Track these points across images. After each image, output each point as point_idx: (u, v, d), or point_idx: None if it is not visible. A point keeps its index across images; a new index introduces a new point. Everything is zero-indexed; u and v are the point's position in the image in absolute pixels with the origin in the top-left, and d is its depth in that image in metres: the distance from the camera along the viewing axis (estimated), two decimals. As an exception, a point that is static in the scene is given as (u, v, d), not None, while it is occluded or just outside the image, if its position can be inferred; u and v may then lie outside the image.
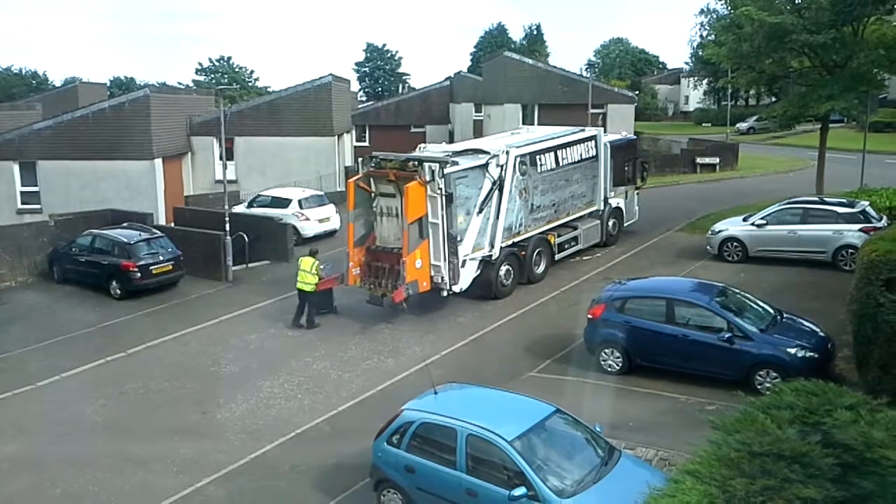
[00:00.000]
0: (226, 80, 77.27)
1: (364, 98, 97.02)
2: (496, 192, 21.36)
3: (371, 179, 20.77)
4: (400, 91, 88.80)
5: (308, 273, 20.32)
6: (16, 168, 33.64)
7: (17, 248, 26.51)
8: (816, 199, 24.81)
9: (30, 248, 26.80)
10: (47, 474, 13.51)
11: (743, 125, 72.76)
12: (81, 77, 75.90)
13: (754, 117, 73.16)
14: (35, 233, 27.33)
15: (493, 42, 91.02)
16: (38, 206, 32.92)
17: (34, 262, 26.81)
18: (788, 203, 23.88)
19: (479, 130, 51.87)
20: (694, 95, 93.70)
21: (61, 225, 27.69)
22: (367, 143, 54.28)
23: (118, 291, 23.98)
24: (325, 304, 21.13)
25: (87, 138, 33.23)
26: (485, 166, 21.11)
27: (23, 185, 33.71)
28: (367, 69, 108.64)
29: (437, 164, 19.73)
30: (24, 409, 16.45)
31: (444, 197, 19.62)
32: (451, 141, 47.19)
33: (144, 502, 12.48)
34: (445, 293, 20.38)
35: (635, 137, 32.68)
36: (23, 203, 33.48)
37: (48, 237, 27.18)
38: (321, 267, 20.85)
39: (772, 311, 15.66)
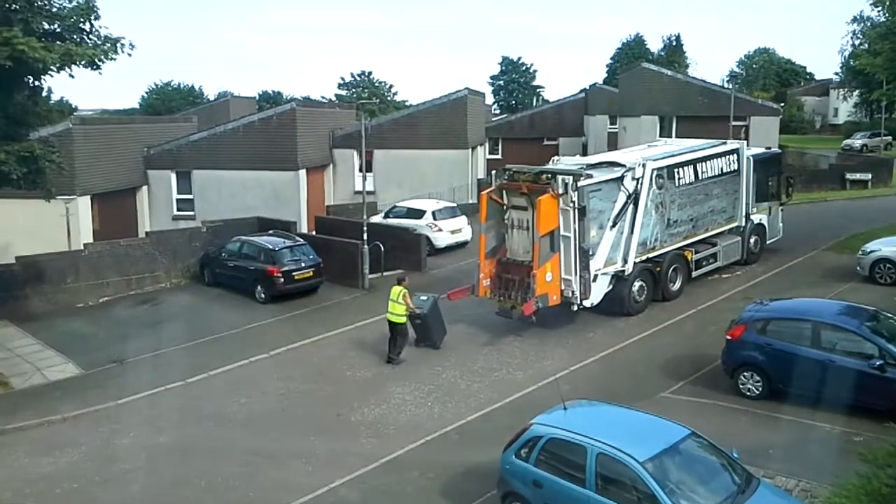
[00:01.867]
0: (366, 95, 79.65)
1: (498, 111, 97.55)
2: (631, 206, 21.00)
3: (504, 192, 20.89)
4: (534, 104, 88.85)
5: (396, 302, 19.21)
6: (173, 177, 35.96)
7: (172, 252, 28.39)
8: (984, 219, 22.99)
9: (183, 253, 28.62)
10: (194, 466, 14.39)
11: (855, 142, 66.59)
12: (233, 91, 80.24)
13: (865, 133, 67.75)
14: (189, 238, 29.17)
15: (631, 53, 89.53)
16: (191, 213, 35.07)
17: (187, 265, 28.59)
18: (951, 223, 22.27)
19: (613, 143, 51.20)
20: (843, 108, 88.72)
21: (212, 231, 29.40)
22: (499, 156, 54.64)
23: (262, 295, 25.19)
24: (428, 335, 19.91)
25: (238, 149, 35.10)
26: (620, 179, 20.81)
27: (178, 193, 36.00)
28: (501, 82, 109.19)
29: (571, 177, 19.62)
30: (175, 403, 17.57)
31: (576, 210, 19.47)
32: (585, 153, 46.84)
33: (281, 499, 13.04)
34: (576, 308, 20.21)
35: (780, 151, 31.32)
36: (178, 210, 35.75)
37: (200, 242, 28.93)
38: (424, 297, 19.88)
39: (929, 338, 14.62)
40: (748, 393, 15.47)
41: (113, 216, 33.19)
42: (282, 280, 24.78)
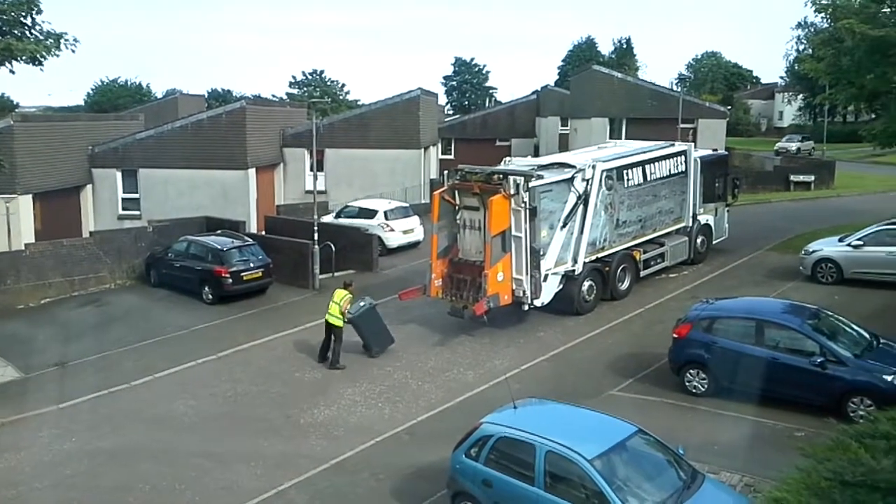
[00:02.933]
0: (318, 93, 79.11)
1: (451, 111, 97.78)
2: (581, 207, 21.20)
3: (456, 192, 20.90)
4: (486, 105, 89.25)
5: (337, 304, 18.93)
6: (118, 175, 35.26)
7: (117, 252, 27.80)
8: (919, 219, 23.71)
9: (129, 253, 28.05)
10: (138, 470, 14.08)
11: (791, 145, 68.41)
12: (181, 89, 78.96)
13: (796, 136, 69.38)
14: (134, 238, 28.60)
15: (582, 56, 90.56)
16: (137, 213, 34.45)
17: (133, 265, 28.03)
18: (888, 223, 22.89)
19: (564, 144, 51.71)
20: (788, 111, 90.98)
21: (159, 231, 28.88)
22: (452, 156, 54.77)
23: (210, 296, 24.81)
24: (365, 342, 19.36)
25: (186, 148, 34.59)
26: (570, 180, 20.99)
27: (124, 192, 35.30)
28: (454, 83, 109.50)
29: (522, 178, 19.72)
30: (119, 406, 17.19)
31: (528, 210, 19.58)
32: (537, 155, 47.21)
33: (229, 502, 12.84)
34: (526, 307, 20.31)
35: (727, 153, 31.93)
36: (123, 209, 35.05)
37: (146, 242, 28.38)
38: (362, 303, 19.33)
39: (867, 335, 15.03)
40: (694, 390, 15.71)
41: (56, 215, 32.39)
42: (230, 281, 24.44)
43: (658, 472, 10.59)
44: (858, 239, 22.60)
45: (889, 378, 13.73)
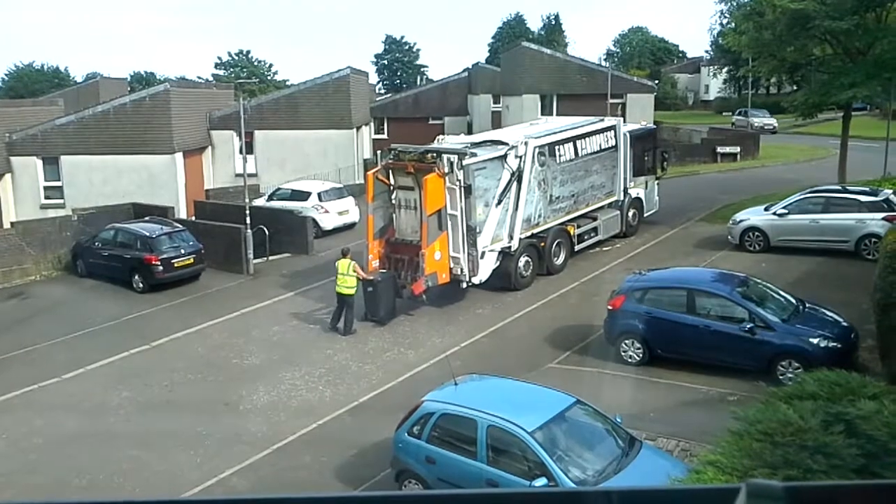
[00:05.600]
0: (245, 74, 77.50)
1: (382, 90, 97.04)
2: (515, 184, 21.32)
3: (390, 172, 20.81)
4: (418, 83, 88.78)
5: (346, 275, 19.30)
6: (39, 163, 34.02)
7: (41, 242, 26.85)
8: (839, 187, 24.56)
9: (54, 243, 27.12)
10: (74, 465, 13.70)
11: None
12: (102, 72, 76.42)
13: (763, 111, 66.64)
14: (59, 227, 27.65)
15: (512, 32, 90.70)
16: (61, 201, 33.31)
17: (58, 256, 27.12)
18: (810, 192, 23.64)
19: (497, 122, 51.77)
20: (714, 84, 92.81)
21: (84, 219, 27.98)
22: (385, 136, 54.31)
23: (141, 285, 24.19)
24: (376, 309, 19.52)
25: (109, 133, 33.56)
26: (503, 157, 21.08)
27: (46, 180, 34.08)
28: (385, 61, 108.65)
29: (456, 156, 19.73)
30: (49, 401, 16.66)
31: (462, 188, 19.62)
32: (470, 132, 47.16)
33: (168, 493, 12.63)
34: (465, 285, 20.41)
35: (655, 127, 32.46)
36: (46, 198, 33.85)
37: (72, 231, 27.47)
38: (382, 271, 19.87)
39: (794, 301, 15.56)
40: (630, 360, 16.02)
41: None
42: (161, 268, 23.86)
43: (597, 440, 10.83)
44: (783, 208, 23.28)
45: (815, 341, 14.27)
